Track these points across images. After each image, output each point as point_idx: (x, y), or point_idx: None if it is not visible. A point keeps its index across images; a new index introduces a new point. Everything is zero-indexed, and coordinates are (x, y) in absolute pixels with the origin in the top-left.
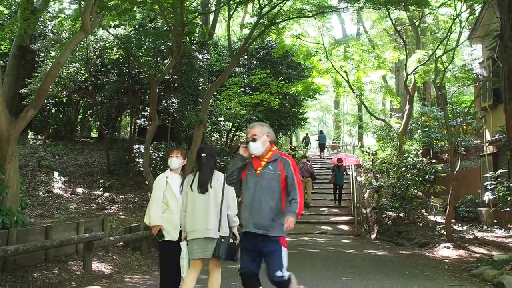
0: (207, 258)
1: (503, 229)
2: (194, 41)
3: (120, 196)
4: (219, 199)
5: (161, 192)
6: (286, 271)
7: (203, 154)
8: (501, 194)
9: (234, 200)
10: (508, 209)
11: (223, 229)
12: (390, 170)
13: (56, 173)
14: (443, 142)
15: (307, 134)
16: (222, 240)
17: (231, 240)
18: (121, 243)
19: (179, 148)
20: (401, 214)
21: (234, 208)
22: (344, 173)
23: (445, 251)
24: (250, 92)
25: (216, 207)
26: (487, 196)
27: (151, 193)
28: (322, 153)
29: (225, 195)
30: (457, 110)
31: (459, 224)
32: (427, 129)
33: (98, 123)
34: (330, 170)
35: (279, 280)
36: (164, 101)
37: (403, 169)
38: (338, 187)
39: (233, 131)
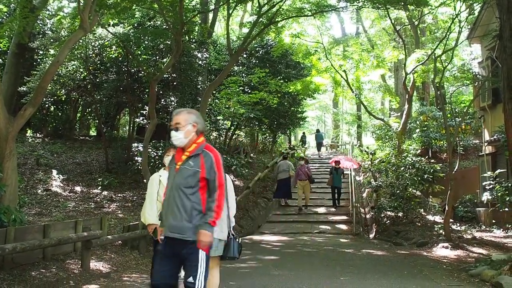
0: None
1: (502, 229)
2: (193, 40)
3: (119, 195)
4: None
5: (155, 191)
6: (200, 280)
7: None
8: (499, 194)
9: (234, 200)
10: (506, 209)
11: (223, 229)
12: (388, 169)
13: (54, 172)
14: (442, 142)
15: (304, 133)
16: (236, 239)
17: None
18: (119, 241)
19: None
20: (400, 214)
21: (235, 208)
22: (342, 175)
23: (444, 251)
24: (249, 91)
25: None
26: (486, 196)
27: None
28: (319, 152)
29: (227, 195)
30: (456, 110)
31: (458, 224)
32: (426, 128)
33: (97, 121)
34: (328, 169)
35: (188, 286)
36: (163, 100)
37: (402, 168)
38: (336, 189)
39: (232, 130)
